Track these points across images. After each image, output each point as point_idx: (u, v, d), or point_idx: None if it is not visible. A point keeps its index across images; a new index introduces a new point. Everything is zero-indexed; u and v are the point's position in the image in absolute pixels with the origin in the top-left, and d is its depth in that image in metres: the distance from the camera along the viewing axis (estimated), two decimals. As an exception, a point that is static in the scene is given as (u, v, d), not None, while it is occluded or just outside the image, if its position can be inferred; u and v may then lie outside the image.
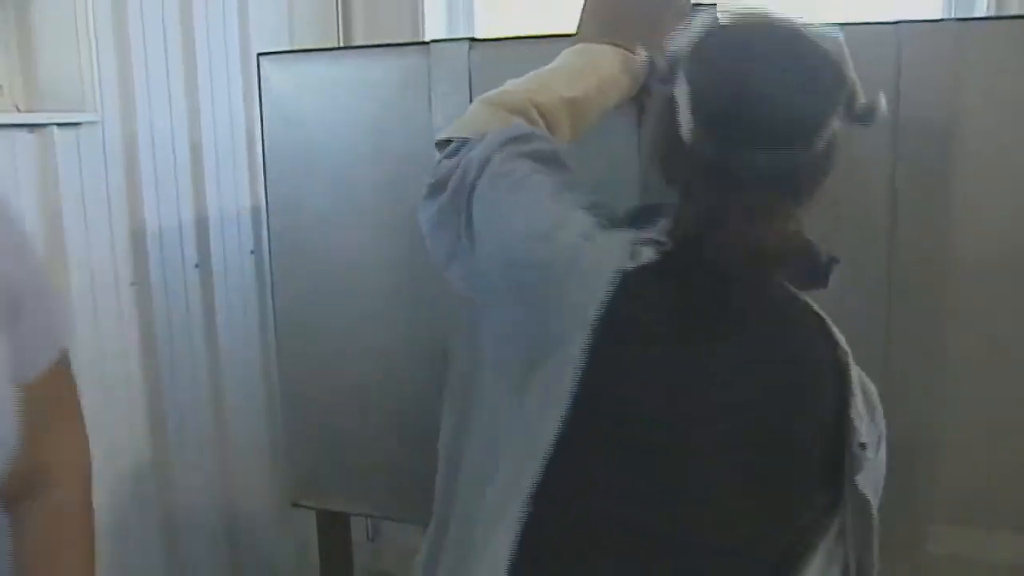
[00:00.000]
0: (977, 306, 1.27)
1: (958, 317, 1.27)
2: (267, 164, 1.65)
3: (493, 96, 1.11)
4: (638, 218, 0.99)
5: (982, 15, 2.05)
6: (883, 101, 0.90)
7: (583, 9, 1.20)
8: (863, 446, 0.93)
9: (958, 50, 1.21)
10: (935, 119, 1.22)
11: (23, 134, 1.63)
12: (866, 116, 0.90)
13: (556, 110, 1.08)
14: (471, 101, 1.44)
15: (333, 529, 1.84)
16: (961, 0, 2.21)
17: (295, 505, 1.76)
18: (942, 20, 1.44)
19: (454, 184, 1.00)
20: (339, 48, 1.76)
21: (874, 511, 0.96)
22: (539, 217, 0.96)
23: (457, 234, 1.00)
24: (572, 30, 1.21)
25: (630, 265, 0.91)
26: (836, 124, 0.89)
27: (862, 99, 0.90)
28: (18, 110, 1.70)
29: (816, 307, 0.98)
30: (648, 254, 0.93)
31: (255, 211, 2.20)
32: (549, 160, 1.01)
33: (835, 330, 0.97)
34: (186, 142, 2.00)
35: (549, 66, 1.14)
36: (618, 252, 0.92)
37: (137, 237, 1.88)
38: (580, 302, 0.90)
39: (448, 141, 1.07)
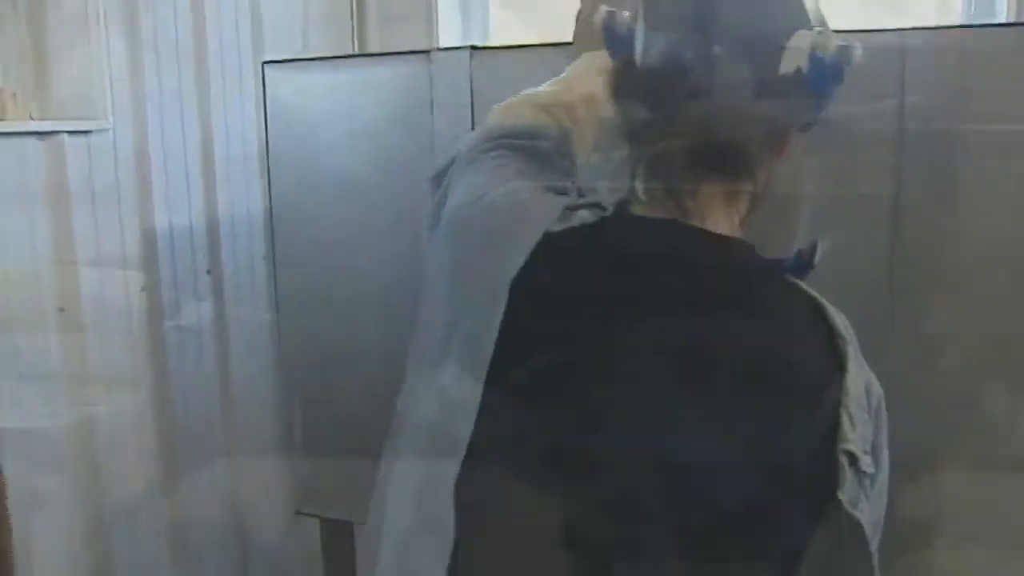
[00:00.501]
0: (978, 310, 1.25)
1: (960, 322, 1.25)
2: (271, 171, 1.67)
3: (512, 99, 1.08)
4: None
5: (1003, 19, 2.02)
6: (858, 49, 0.84)
7: (577, 18, 1.19)
8: (850, 456, 0.79)
9: (962, 57, 1.19)
10: (939, 125, 1.21)
11: (34, 141, 1.66)
12: (840, 58, 0.84)
13: (577, 106, 1.05)
14: (472, 108, 1.47)
15: (338, 537, 1.84)
16: (981, 2, 2.19)
17: (299, 513, 1.77)
18: (946, 27, 1.43)
19: (445, 182, 0.98)
20: (342, 56, 1.78)
21: (869, 541, 0.80)
22: (474, 187, 0.91)
23: None
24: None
25: (556, 228, 0.84)
26: (801, 55, 0.83)
27: (833, 41, 0.84)
28: (31, 118, 1.73)
29: (810, 291, 0.87)
30: (582, 217, 0.85)
31: (267, 218, 2.21)
32: (531, 154, 0.95)
33: (833, 316, 0.85)
34: (197, 149, 2.01)
35: (562, 75, 1.13)
36: (545, 214, 0.85)
37: (148, 243, 1.89)
38: (501, 265, 0.83)
39: None
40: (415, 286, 1.56)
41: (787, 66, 0.82)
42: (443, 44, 2.26)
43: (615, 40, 0.89)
